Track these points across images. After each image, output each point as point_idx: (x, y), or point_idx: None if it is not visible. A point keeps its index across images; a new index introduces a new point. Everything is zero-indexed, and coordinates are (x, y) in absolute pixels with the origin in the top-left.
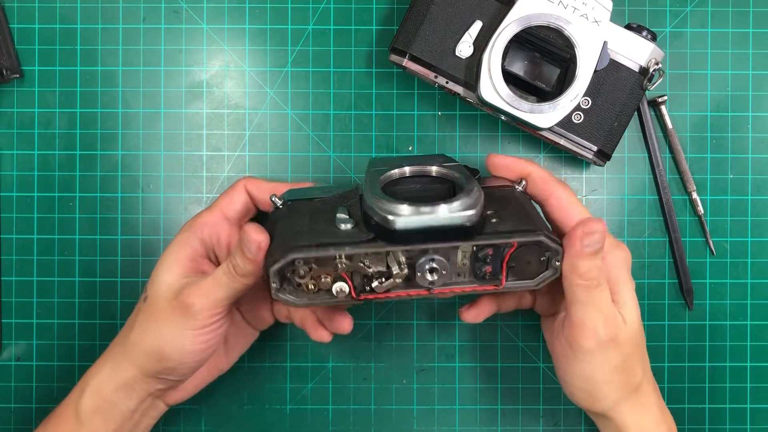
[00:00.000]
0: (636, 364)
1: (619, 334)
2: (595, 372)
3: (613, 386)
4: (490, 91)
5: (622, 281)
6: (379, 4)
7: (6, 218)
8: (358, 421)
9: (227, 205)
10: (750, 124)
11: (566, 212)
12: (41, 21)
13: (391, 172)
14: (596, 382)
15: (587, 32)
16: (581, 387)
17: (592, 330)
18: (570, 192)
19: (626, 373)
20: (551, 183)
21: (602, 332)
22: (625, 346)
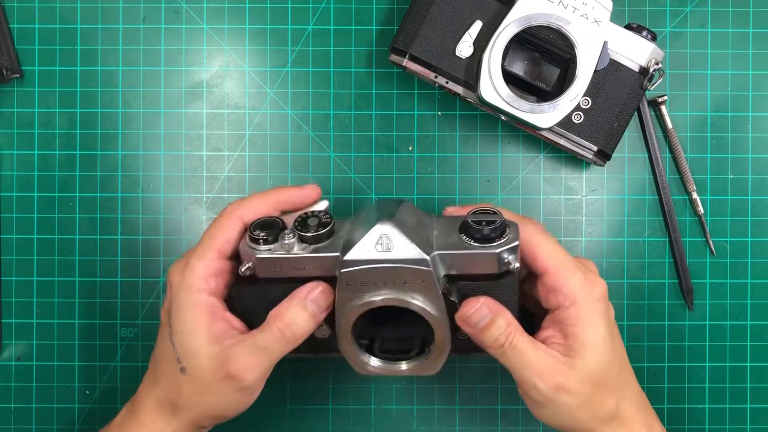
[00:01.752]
0: (603, 399)
1: (566, 382)
2: (554, 415)
3: (580, 422)
4: (490, 91)
5: (584, 323)
6: (379, 4)
7: (6, 218)
8: (358, 421)
9: (225, 246)
10: (750, 124)
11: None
12: (41, 21)
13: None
14: (561, 421)
15: (587, 32)
16: (552, 423)
17: (531, 386)
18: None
19: (592, 410)
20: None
21: (542, 387)
22: (582, 388)
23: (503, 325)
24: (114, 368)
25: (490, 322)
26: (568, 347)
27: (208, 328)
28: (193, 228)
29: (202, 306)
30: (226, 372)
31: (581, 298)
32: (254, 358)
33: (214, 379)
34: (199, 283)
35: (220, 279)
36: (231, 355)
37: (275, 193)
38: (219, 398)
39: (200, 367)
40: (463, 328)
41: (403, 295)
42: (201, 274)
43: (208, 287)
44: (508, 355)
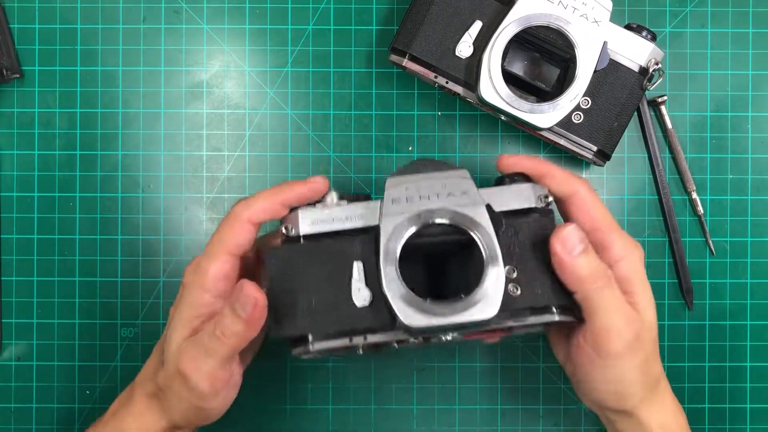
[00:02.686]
0: (655, 361)
1: (641, 331)
2: (623, 373)
3: (640, 384)
4: (490, 91)
5: (638, 281)
6: (379, 4)
7: (6, 218)
8: (358, 421)
9: (235, 249)
10: (750, 124)
11: (587, 214)
12: (41, 21)
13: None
14: (624, 383)
15: (587, 32)
16: (610, 390)
17: (617, 333)
18: (590, 191)
19: (649, 370)
20: (573, 182)
21: (626, 333)
22: (647, 344)
23: (598, 258)
24: (114, 368)
25: (586, 251)
26: (632, 302)
27: (194, 328)
28: (193, 228)
29: (202, 306)
30: (177, 368)
31: (630, 254)
32: (197, 355)
33: (174, 375)
34: (208, 284)
35: (229, 283)
36: (182, 350)
37: (282, 192)
38: (176, 398)
39: (168, 360)
40: (556, 254)
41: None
42: (212, 276)
43: (216, 289)
44: (603, 292)
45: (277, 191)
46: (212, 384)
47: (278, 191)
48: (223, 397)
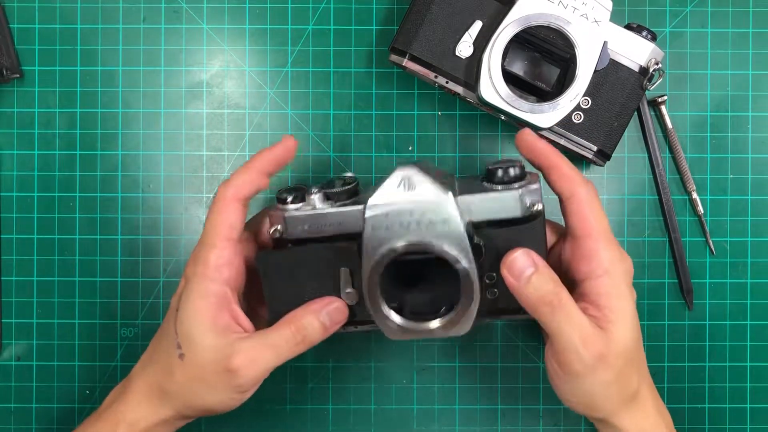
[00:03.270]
0: (631, 375)
1: (605, 351)
2: (590, 390)
3: (610, 399)
4: (490, 90)
5: (616, 295)
6: (379, 4)
7: (6, 218)
8: (358, 421)
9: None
10: (750, 124)
11: (581, 219)
12: (41, 21)
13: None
14: (593, 397)
15: (587, 32)
16: (579, 401)
17: (574, 355)
18: (593, 195)
19: (621, 386)
20: (576, 182)
21: (584, 354)
22: (616, 361)
23: (549, 280)
24: (114, 368)
25: (536, 273)
26: (602, 319)
27: (213, 318)
28: (193, 228)
29: (211, 296)
30: (227, 366)
31: (613, 269)
32: (260, 354)
33: (213, 371)
34: (212, 273)
35: (232, 268)
36: (236, 350)
37: (258, 161)
38: (210, 392)
39: (200, 356)
40: (506, 279)
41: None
42: (213, 264)
43: (220, 276)
44: (556, 313)
45: (253, 162)
46: (259, 380)
47: (253, 162)
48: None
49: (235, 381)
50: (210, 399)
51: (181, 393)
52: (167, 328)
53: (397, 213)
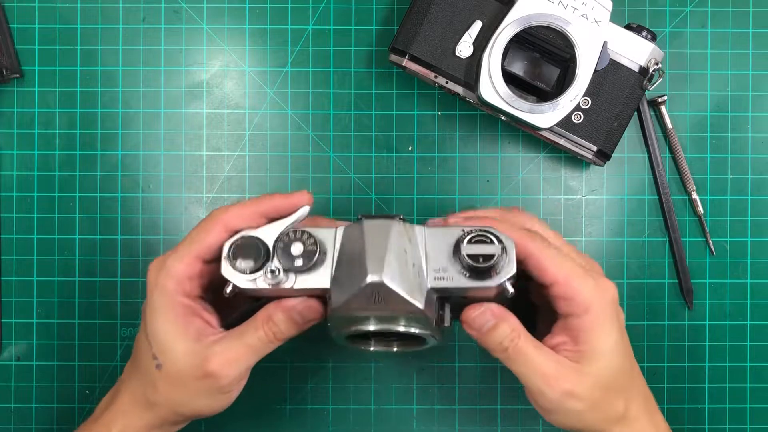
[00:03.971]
0: (612, 401)
1: (574, 388)
2: (565, 420)
3: (592, 423)
4: (490, 91)
5: (597, 330)
6: (379, 4)
7: (6, 218)
8: (358, 421)
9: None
10: (750, 124)
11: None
12: (41, 21)
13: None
14: (571, 425)
15: (587, 32)
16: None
17: (538, 393)
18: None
19: (602, 412)
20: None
21: (550, 393)
22: (591, 393)
23: (507, 330)
24: (114, 368)
25: (494, 327)
26: (579, 353)
27: (184, 326)
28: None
29: (177, 306)
30: (205, 370)
31: (594, 305)
32: (235, 355)
33: (192, 377)
34: (174, 285)
35: (196, 281)
36: (212, 353)
37: (263, 203)
38: (194, 397)
39: (177, 364)
40: (466, 330)
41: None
42: (176, 277)
43: (182, 289)
44: (513, 359)
45: (258, 203)
46: (241, 381)
47: (258, 203)
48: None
49: (215, 383)
50: (195, 404)
51: (165, 402)
52: (142, 338)
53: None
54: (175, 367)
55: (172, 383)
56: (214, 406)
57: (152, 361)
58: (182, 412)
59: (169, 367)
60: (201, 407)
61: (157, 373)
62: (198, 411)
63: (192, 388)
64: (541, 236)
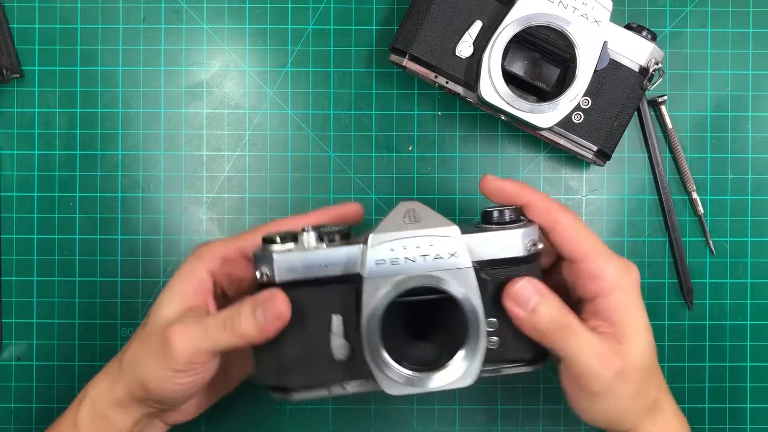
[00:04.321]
0: (650, 386)
1: (623, 367)
2: (611, 406)
3: (632, 411)
4: (490, 90)
5: (628, 309)
6: (379, 4)
7: (6, 218)
8: (358, 421)
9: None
10: (750, 124)
11: (572, 243)
12: (41, 21)
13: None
14: (614, 413)
15: (587, 32)
16: (602, 419)
17: (593, 377)
18: (575, 219)
19: (641, 398)
20: (555, 212)
21: (603, 373)
22: (635, 375)
23: (556, 305)
24: None
25: (541, 302)
26: (617, 335)
27: (185, 297)
28: (193, 228)
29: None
30: (164, 333)
31: (621, 283)
32: (191, 330)
33: (155, 335)
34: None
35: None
36: (179, 322)
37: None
38: (150, 364)
39: (156, 324)
40: (511, 312)
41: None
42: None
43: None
44: (566, 340)
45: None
46: (189, 361)
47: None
48: (185, 398)
49: (166, 351)
50: (147, 369)
51: (130, 362)
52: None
53: (403, 246)
54: (153, 327)
55: (141, 340)
56: (162, 380)
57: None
58: (146, 385)
59: (148, 327)
60: (150, 375)
61: (139, 331)
62: (144, 379)
63: (149, 348)
64: (576, 214)
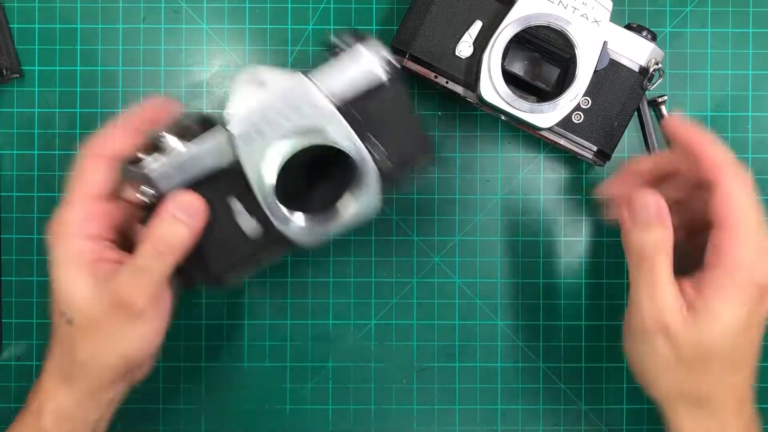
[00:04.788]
0: (699, 375)
1: (671, 325)
2: (643, 356)
3: (664, 381)
4: (490, 90)
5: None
6: (379, 4)
7: (6, 218)
8: (358, 421)
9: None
10: (750, 124)
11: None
12: (41, 21)
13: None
14: (644, 366)
15: (587, 32)
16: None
17: (637, 310)
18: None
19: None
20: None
21: (647, 315)
22: (684, 348)
23: (660, 237)
24: None
25: (651, 226)
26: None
27: (90, 271)
28: None
29: (81, 252)
30: (115, 302)
31: (740, 273)
32: (137, 280)
33: (104, 315)
34: (73, 230)
35: (99, 222)
36: (115, 284)
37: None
38: (113, 336)
39: (86, 309)
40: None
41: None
42: (71, 223)
43: (85, 232)
44: (641, 268)
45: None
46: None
47: (119, 119)
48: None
49: (129, 311)
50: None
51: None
52: (51, 309)
53: (262, 115)
54: (85, 313)
55: (86, 332)
56: (139, 343)
57: (63, 322)
58: (110, 365)
59: (79, 318)
60: (126, 348)
61: (70, 330)
62: (125, 353)
63: (107, 327)
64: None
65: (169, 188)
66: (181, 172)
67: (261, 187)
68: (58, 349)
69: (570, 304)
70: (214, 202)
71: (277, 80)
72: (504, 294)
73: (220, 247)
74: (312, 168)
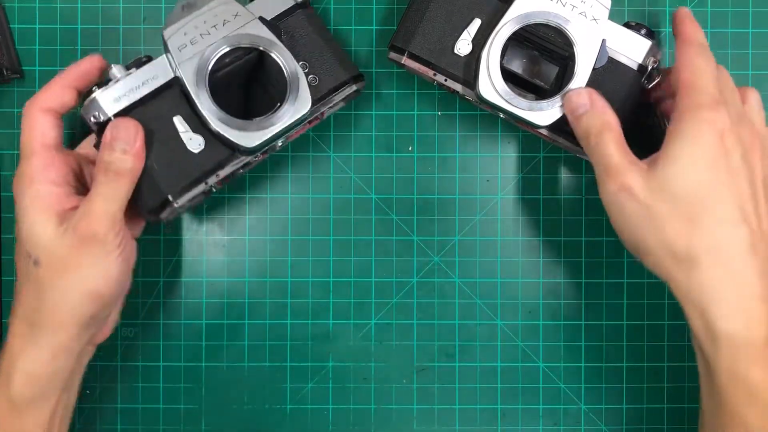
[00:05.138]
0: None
1: (632, 183)
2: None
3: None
4: (489, 88)
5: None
6: (379, 4)
7: (6, 218)
8: (358, 421)
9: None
10: None
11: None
12: (41, 21)
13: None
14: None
15: (586, 30)
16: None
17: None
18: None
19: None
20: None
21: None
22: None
23: (599, 117)
24: (114, 368)
25: (588, 112)
26: (653, 159)
27: (54, 212)
28: (193, 228)
29: (44, 196)
30: (78, 236)
31: (689, 117)
32: (95, 208)
33: (69, 251)
34: (35, 177)
35: (59, 169)
36: (77, 219)
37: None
38: (82, 272)
39: (51, 247)
40: (566, 111)
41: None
42: (35, 169)
43: (46, 178)
44: (592, 149)
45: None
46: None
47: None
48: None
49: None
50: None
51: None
52: (17, 258)
53: (194, 27)
54: (50, 251)
55: (55, 271)
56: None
57: (30, 265)
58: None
59: (45, 257)
60: (93, 283)
61: (38, 272)
62: (92, 288)
63: (74, 263)
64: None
65: (117, 109)
66: (127, 94)
67: (198, 95)
68: (24, 297)
69: (570, 304)
70: (159, 122)
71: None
72: (504, 294)
73: (169, 167)
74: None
